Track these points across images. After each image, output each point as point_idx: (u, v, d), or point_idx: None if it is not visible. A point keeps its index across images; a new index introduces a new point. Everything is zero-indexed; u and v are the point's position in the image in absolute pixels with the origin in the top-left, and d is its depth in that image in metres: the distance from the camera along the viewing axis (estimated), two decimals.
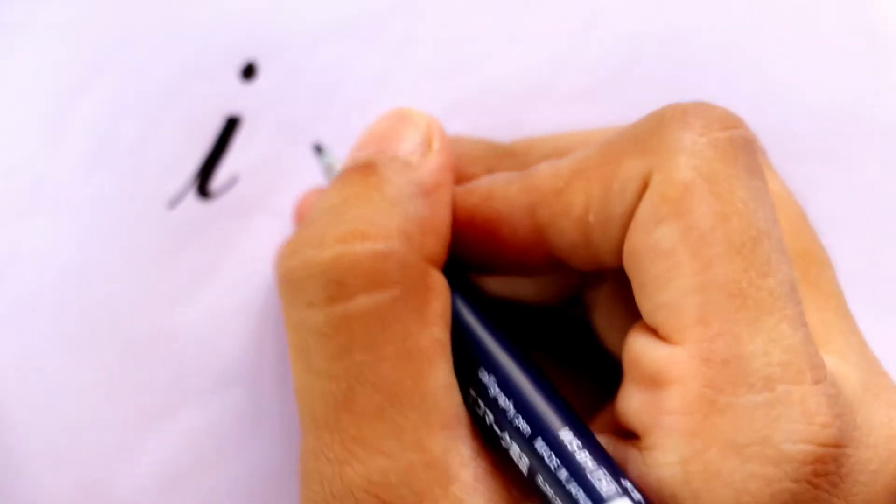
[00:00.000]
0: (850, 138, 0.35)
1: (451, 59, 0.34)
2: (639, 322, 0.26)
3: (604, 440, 0.26)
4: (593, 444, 0.25)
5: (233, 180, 0.32)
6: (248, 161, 0.32)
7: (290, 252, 0.26)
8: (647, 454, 0.24)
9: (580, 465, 0.24)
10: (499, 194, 0.27)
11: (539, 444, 0.25)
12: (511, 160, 0.31)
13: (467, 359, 0.26)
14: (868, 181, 0.35)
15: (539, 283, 0.31)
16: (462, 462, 0.25)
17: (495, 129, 0.34)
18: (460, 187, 0.28)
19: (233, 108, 0.32)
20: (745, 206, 0.24)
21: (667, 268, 0.24)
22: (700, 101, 0.26)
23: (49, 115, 0.31)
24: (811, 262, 0.27)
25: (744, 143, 0.25)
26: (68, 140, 0.31)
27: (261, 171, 0.32)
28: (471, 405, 0.26)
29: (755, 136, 0.29)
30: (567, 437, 0.25)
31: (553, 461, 0.25)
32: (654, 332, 0.25)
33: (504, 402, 0.26)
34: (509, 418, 0.25)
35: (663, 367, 0.24)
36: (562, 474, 0.24)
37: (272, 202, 0.32)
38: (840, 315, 0.27)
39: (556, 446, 0.25)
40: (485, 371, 0.26)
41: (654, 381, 0.25)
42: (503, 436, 0.26)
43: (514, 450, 0.25)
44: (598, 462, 0.24)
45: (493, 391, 0.26)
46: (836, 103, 0.35)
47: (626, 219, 0.25)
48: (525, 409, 0.25)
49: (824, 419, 0.23)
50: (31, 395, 0.31)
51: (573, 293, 0.31)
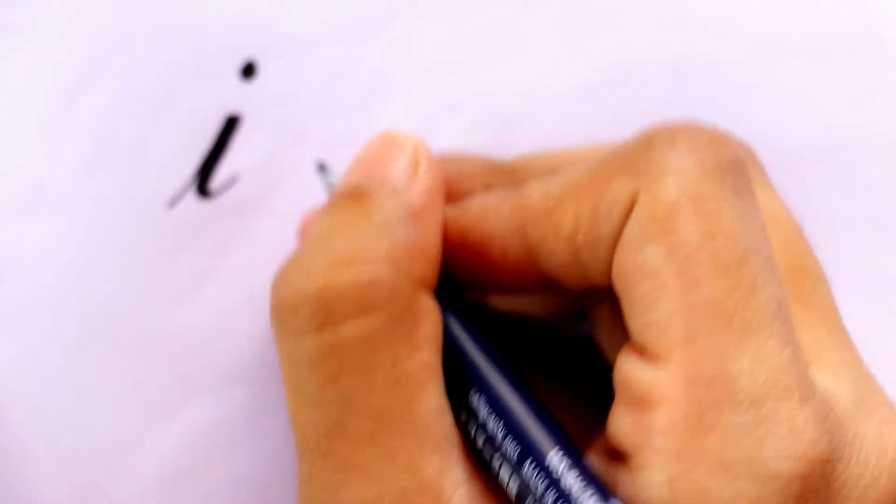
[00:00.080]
0: (850, 138, 0.35)
1: (451, 59, 0.34)
2: (628, 342, 0.26)
3: (596, 461, 0.26)
4: (583, 466, 0.25)
5: (232, 180, 0.32)
6: (247, 160, 0.32)
7: (280, 281, 0.26)
8: (636, 474, 0.24)
9: (568, 487, 0.24)
10: (491, 214, 0.28)
11: (527, 468, 0.25)
12: (509, 177, 0.31)
13: (459, 380, 0.26)
14: (868, 181, 0.35)
15: (540, 298, 0.32)
16: (455, 484, 0.25)
17: (495, 130, 0.34)
18: (453, 207, 0.28)
19: (232, 107, 0.32)
20: (731, 226, 0.24)
21: (653, 287, 0.24)
22: (690, 121, 0.26)
23: (49, 115, 0.31)
24: (805, 279, 0.27)
25: (732, 163, 0.25)
26: (68, 140, 0.31)
27: (260, 171, 0.32)
28: (463, 426, 0.26)
29: (751, 152, 0.29)
30: (555, 459, 0.25)
31: (541, 485, 0.25)
32: (642, 352, 0.25)
33: (493, 425, 0.26)
34: (498, 441, 0.26)
35: (651, 388, 0.24)
36: (549, 498, 0.25)
37: (272, 201, 0.32)
38: (834, 331, 0.27)
39: (545, 469, 0.25)
40: (475, 393, 0.26)
41: (642, 402, 0.24)
42: (493, 458, 0.26)
43: (504, 473, 0.25)
44: (586, 484, 0.24)
45: (484, 413, 0.26)
46: (835, 106, 0.35)
47: (614, 239, 0.25)
48: (514, 432, 0.25)
49: (812, 436, 0.23)
50: (31, 395, 0.31)
51: (577, 309, 0.31)
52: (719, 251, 0.24)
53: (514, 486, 0.25)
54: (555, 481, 0.25)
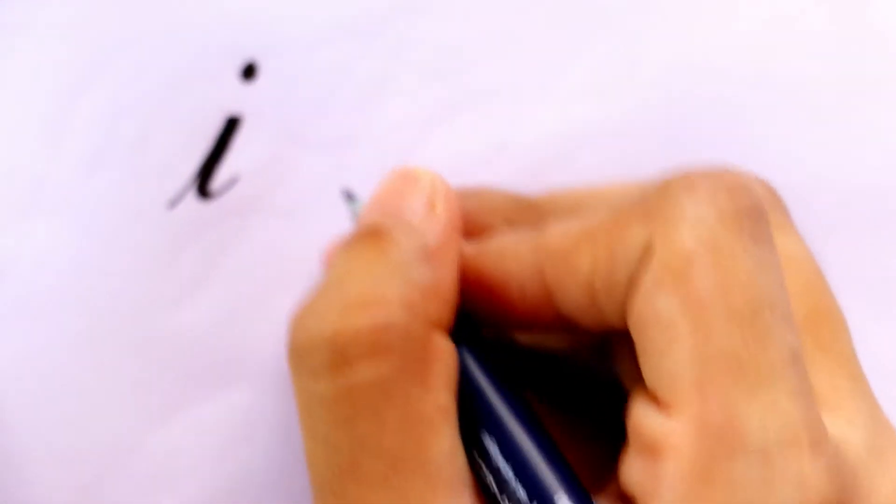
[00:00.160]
0: (850, 136, 0.35)
1: (451, 59, 0.34)
2: (641, 388, 0.26)
3: None
4: None
5: (233, 180, 0.32)
6: (248, 161, 0.32)
7: (296, 323, 0.26)
8: None
9: None
10: (509, 254, 0.28)
11: None
12: (532, 214, 0.31)
13: (473, 419, 0.27)
14: (868, 181, 0.35)
15: (563, 333, 0.31)
16: None
17: (494, 130, 0.34)
18: (473, 243, 0.28)
19: (233, 108, 0.32)
20: (747, 277, 0.24)
21: (667, 338, 0.24)
22: (710, 166, 0.26)
23: (49, 115, 0.31)
24: (824, 325, 0.27)
25: (751, 210, 0.25)
26: (68, 140, 0.31)
27: (261, 171, 0.32)
28: (475, 466, 0.26)
29: (774, 194, 0.29)
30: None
31: None
32: (654, 400, 0.25)
33: (504, 468, 0.26)
34: (509, 484, 0.26)
35: (661, 436, 0.24)
36: None
37: (272, 202, 0.32)
38: (852, 378, 0.27)
39: None
40: (487, 434, 0.26)
41: (652, 450, 0.24)
42: (503, 500, 0.26)
43: None
44: None
45: (495, 455, 0.26)
46: (836, 105, 0.35)
47: (630, 285, 0.25)
48: (523, 476, 0.26)
49: (821, 489, 0.23)
50: (30, 395, 0.31)
51: (598, 343, 0.31)
52: (733, 303, 0.24)
53: None
54: None
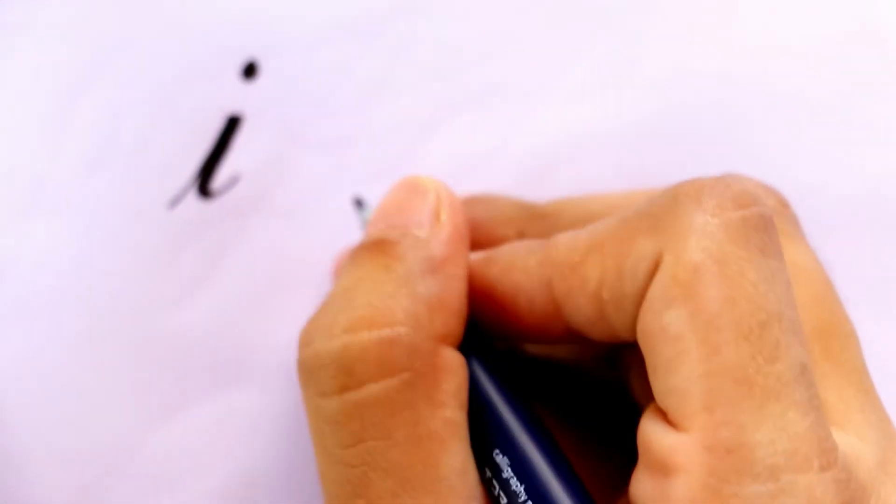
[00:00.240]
0: (850, 138, 0.35)
1: (451, 59, 0.34)
2: (652, 404, 0.25)
3: None
4: None
5: (234, 180, 0.32)
6: (248, 160, 0.32)
7: (304, 342, 0.26)
8: None
9: None
10: (518, 266, 0.27)
11: None
12: (542, 223, 0.31)
13: (484, 436, 0.26)
14: (868, 184, 0.35)
15: (573, 345, 0.31)
16: None
17: (494, 130, 0.34)
18: (482, 255, 0.28)
19: (234, 107, 0.32)
20: (755, 289, 0.24)
21: (675, 352, 0.24)
22: (718, 176, 0.26)
23: (49, 115, 0.31)
24: (833, 337, 0.27)
25: (759, 221, 0.25)
26: (68, 140, 0.31)
27: (262, 171, 0.32)
28: (487, 482, 0.26)
29: (783, 204, 0.29)
30: None
31: None
32: (663, 416, 0.25)
33: (516, 486, 0.26)
34: (520, 503, 0.26)
35: (670, 454, 0.24)
36: None
37: (273, 202, 0.32)
38: (861, 391, 0.26)
39: None
40: (499, 450, 0.26)
41: (662, 467, 0.24)
42: None
43: None
44: None
45: (507, 473, 0.26)
46: (836, 105, 0.35)
47: (639, 298, 0.25)
48: (535, 495, 0.25)
49: None
50: (30, 395, 0.31)
51: (608, 354, 0.31)
52: (741, 316, 0.24)
53: None
54: None
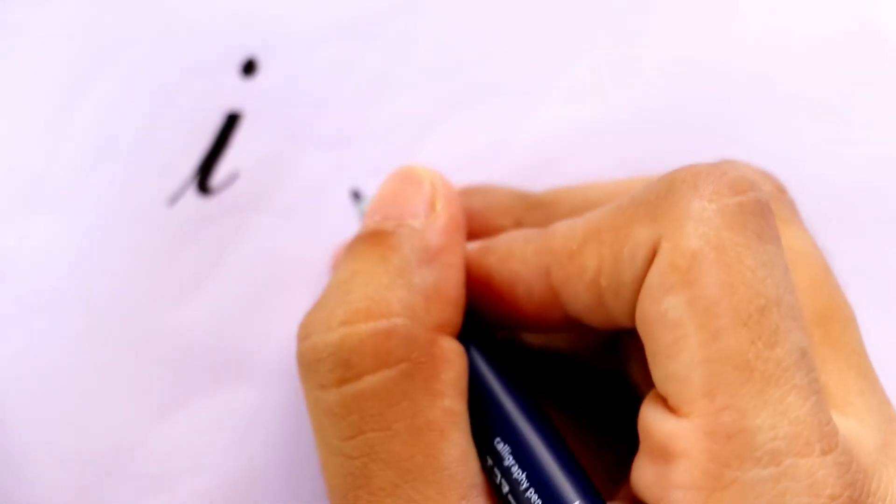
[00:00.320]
0: (850, 137, 0.35)
1: (450, 58, 0.34)
2: (652, 391, 0.25)
3: None
4: None
5: (233, 177, 0.32)
6: (248, 158, 0.32)
7: (303, 335, 0.26)
8: None
9: None
10: (515, 254, 0.27)
11: None
12: (539, 212, 0.31)
13: (485, 425, 0.26)
14: (867, 181, 0.35)
15: (572, 333, 0.31)
16: None
17: (494, 129, 0.34)
18: (480, 244, 0.28)
19: (233, 104, 0.32)
20: (753, 275, 0.24)
21: (675, 338, 0.24)
22: (715, 162, 0.26)
23: (49, 114, 0.31)
24: (832, 321, 0.27)
25: (756, 206, 0.25)
26: (69, 139, 0.31)
27: (261, 168, 0.32)
28: (489, 470, 0.26)
29: (780, 189, 0.29)
30: None
31: None
32: (664, 403, 0.25)
33: (518, 473, 0.26)
34: (522, 490, 0.25)
35: (671, 440, 0.24)
36: None
37: (272, 199, 0.32)
38: (861, 374, 0.26)
39: None
40: (500, 439, 0.26)
41: (663, 454, 0.24)
42: None
43: None
44: None
45: (508, 461, 0.26)
46: (837, 105, 0.35)
47: (637, 285, 0.25)
48: (537, 482, 0.25)
49: (832, 491, 0.23)
50: (30, 394, 0.31)
51: (607, 342, 0.31)
52: (739, 302, 0.24)
53: None
54: None
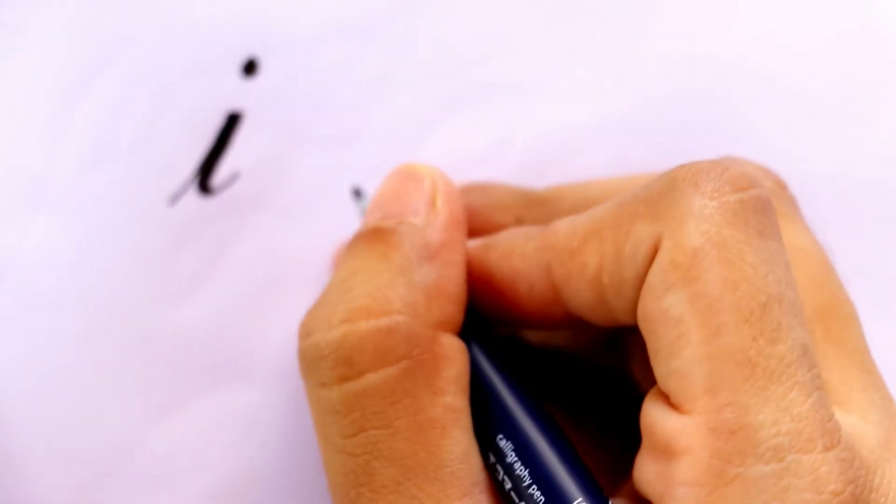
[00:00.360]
0: (850, 136, 0.35)
1: (451, 57, 0.34)
2: (654, 388, 0.25)
3: None
4: None
5: (234, 177, 0.32)
6: (249, 157, 0.32)
7: (304, 333, 0.27)
8: None
9: None
10: (517, 251, 0.27)
11: None
12: (540, 209, 0.31)
13: (487, 422, 0.26)
14: (867, 179, 0.35)
15: (573, 330, 0.31)
16: None
17: (494, 128, 0.34)
18: (481, 241, 0.28)
19: (234, 104, 0.32)
20: (754, 272, 0.24)
21: (676, 336, 0.24)
22: (716, 159, 0.26)
23: (49, 114, 0.31)
24: (834, 318, 0.27)
25: (756, 204, 0.25)
26: (69, 139, 0.31)
27: (262, 168, 0.32)
28: (491, 467, 0.26)
29: (781, 185, 0.29)
30: None
31: None
32: (666, 400, 0.25)
33: (520, 470, 0.26)
34: (525, 486, 0.25)
35: (674, 437, 0.24)
36: None
37: (273, 199, 0.32)
38: (863, 371, 0.26)
39: None
40: (503, 437, 0.26)
41: (665, 451, 0.24)
42: (520, 502, 0.26)
43: None
44: None
45: (511, 458, 0.26)
46: (837, 105, 0.35)
47: (638, 282, 0.25)
48: (540, 479, 0.25)
49: (835, 487, 0.23)
50: (30, 394, 0.31)
51: (608, 339, 0.31)
52: (741, 299, 0.24)
53: None
54: None
